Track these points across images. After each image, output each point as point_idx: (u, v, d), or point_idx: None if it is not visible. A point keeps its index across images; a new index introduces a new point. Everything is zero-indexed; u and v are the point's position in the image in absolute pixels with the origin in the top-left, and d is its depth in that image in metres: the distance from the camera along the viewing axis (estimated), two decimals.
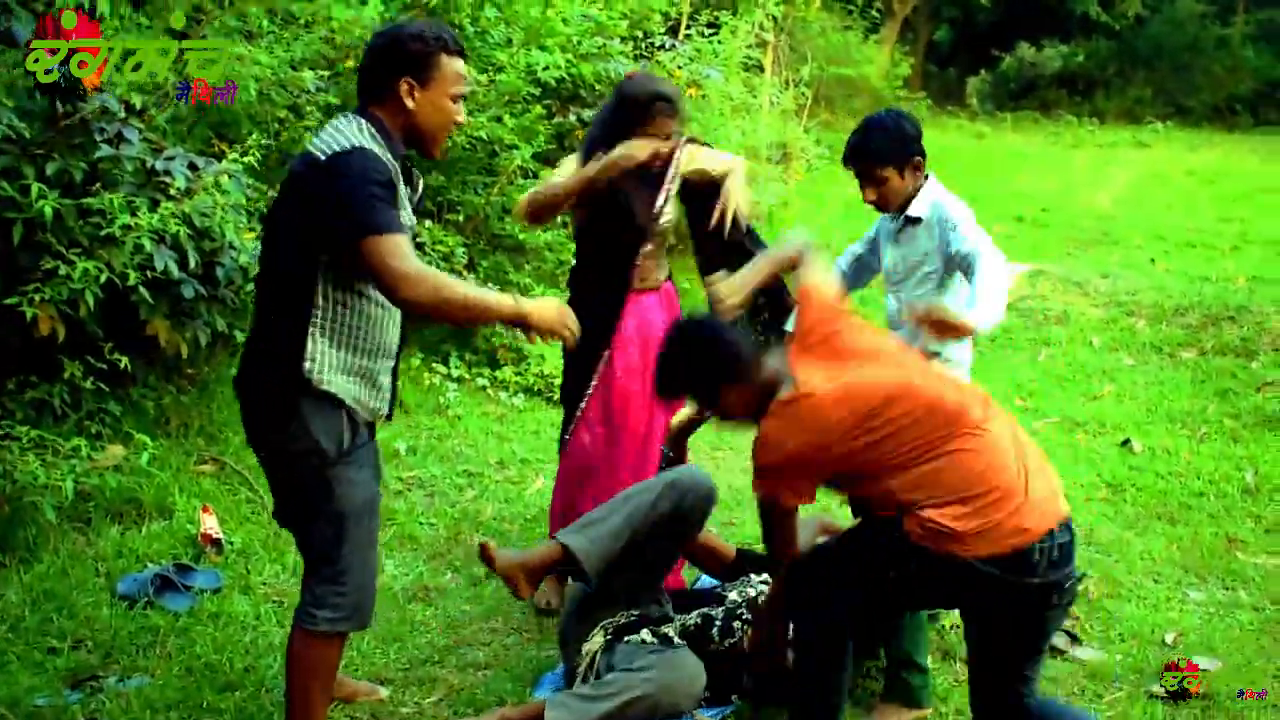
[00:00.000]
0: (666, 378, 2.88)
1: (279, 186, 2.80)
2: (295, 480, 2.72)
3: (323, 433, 2.62)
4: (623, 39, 7.55)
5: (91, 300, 3.90)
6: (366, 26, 5.76)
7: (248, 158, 4.57)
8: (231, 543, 4.10)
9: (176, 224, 4.05)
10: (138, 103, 4.33)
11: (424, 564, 4.13)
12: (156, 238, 4.04)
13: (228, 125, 5.13)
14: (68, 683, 3.25)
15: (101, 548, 3.98)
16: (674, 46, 8.07)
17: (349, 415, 2.66)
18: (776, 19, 11.03)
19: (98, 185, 4.05)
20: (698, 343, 2.80)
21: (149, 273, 4.04)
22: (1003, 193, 12.09)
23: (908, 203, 3.35)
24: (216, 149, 4.86)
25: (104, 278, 3.92)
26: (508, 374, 6.18)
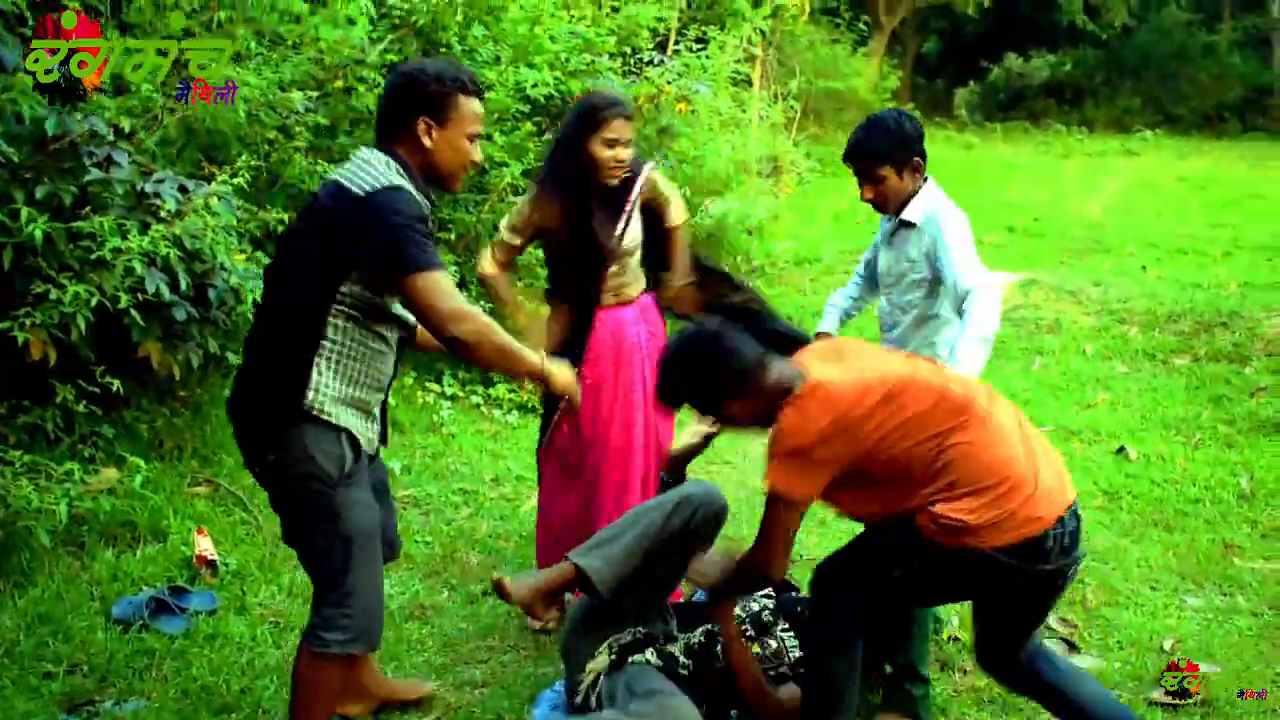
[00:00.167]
0: (668, 386, 2.87)
1: (298, 215, 2.83)
2: (296, 503, 2.73)
3: (323, 456, 2.64)
4: (611, 55, 7.57)
5: (83, 324, 3.91)
6: (355, 47, 5.76)
7: (237, 179, 4.57)
8: (226, 564, 4.09)
9: (167, 246, 4.05)
10: (126, 126, 4.34)
11: (420, 582, 4.12)
12: (147, 260, 4.04)
13: (217, 147, 5.12)
14: (63, 707, 3.24)
15: (96, 571, 3.97)
16: (662, 62, 8.09)
17: (348, 438, 2.68)
18: (764, 33, 11.07)
19: (88, 208, 4.05)
20: (699, 356, 2.76)
21: (140, 295, 4.04)
22: (994, 203, 12.12)
23: (904, 205, 3.36)
24: (206, 171, 4.86)
25: (95, 301, 3.93)
26: (501, 391, 6.18)
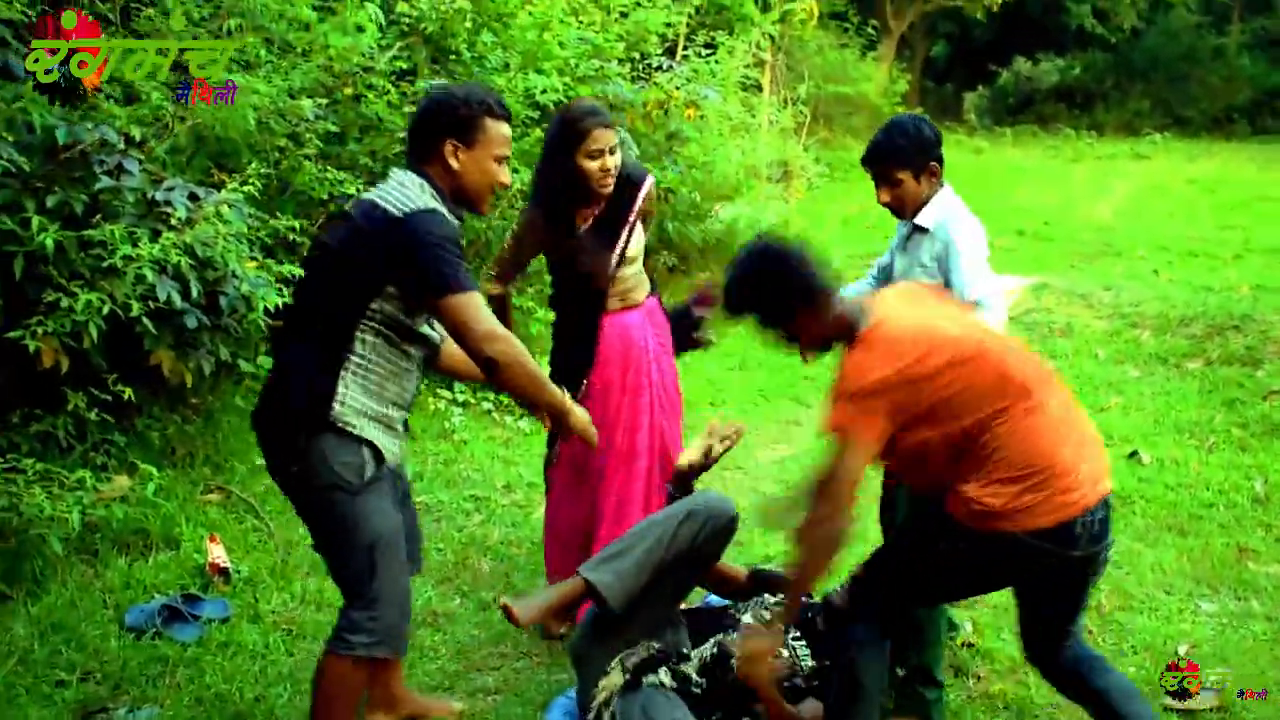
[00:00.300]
0: (739, 295, 2.81)
1: (328, 231, 2.87)
2: (320, 513, 2.77)
3: (343, 465, 2.68)
4: (620, 61, 7.58)
5: (95, 332, 3.91)
6: (364, 54, 5.77)
7: (248, 187, 4.57)
8: (239, 571, 4.09)
9: (178, 254, 4.06)
10: (137, 134, 4.35)
11: (432, 589, 4.11)
12: (158, 268, 4.04)
13: (227, 155, 5.13)
14: (77, 715, 3.24)
15: (109, 579, 3.97)
16: (671, 68, 8.10)
17: (370, 448, 2.71)
18: (773, 38, 11.09)
19: (98, 217, 4.06)
20: (778, 260, 2.75)
21: (151, 303, 4.04)
22: (1003, 207, 12.08)
23: (919, 209, 3.35)
24: (216, 179, 4.86)
25: (106, 309, 3.93)
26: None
